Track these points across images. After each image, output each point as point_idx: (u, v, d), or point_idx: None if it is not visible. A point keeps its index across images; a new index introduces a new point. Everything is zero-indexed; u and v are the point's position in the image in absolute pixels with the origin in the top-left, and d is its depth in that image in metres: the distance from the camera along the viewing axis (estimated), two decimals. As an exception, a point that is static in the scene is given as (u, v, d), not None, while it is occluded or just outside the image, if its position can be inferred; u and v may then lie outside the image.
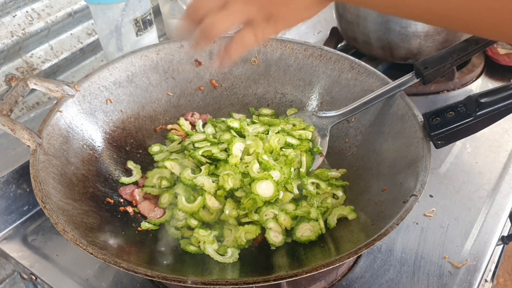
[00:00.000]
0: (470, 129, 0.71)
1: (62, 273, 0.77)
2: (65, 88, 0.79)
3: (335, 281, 0.73)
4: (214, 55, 0.93)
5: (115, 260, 0.57)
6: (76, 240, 0.59)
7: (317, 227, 0.72)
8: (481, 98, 0.69)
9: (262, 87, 0.95)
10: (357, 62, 0.87)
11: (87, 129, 0.81)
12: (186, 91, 0.93)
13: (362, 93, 0.84)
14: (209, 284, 0.55)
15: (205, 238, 0.70)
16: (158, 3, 1.17)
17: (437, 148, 0.72)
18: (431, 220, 0.81)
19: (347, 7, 1.11)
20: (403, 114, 0.77)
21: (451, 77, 1.11)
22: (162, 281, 0.58)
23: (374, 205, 0.71)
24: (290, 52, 0.92)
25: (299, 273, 0.55)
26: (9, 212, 0.84)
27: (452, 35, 1.05)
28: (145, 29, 0.97)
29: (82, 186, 0.74)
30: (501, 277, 1.93)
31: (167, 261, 0.69)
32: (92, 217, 0.70)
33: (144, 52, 0.89)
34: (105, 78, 0.85)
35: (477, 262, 0.74)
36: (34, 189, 0.65)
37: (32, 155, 0.69)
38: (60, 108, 0.78)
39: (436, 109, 0.73)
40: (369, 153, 0.81)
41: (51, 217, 0.61)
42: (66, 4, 1.08)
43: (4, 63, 1.00)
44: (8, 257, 0.81)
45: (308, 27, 1.43)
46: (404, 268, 0.74)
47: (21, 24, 1.01)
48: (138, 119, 0.89)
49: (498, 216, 0.82)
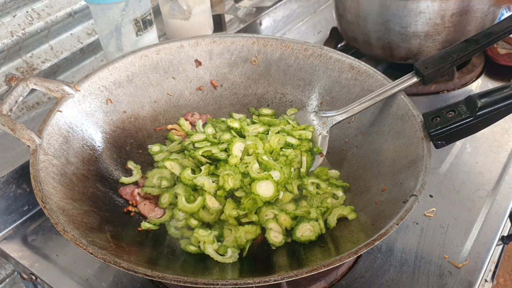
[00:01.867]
0: (470, 129, 0.71)
1: (62, 273, 0.77)
2: (65, 88, 0.79)
3: (335, 281, 0.73)
4: (214, 55, 0.93)
5: (115, 260, 0.57)
6: (76, 240, 0.59)
7: (317, 227, 0.72)
8: (481, 98, 0.69)
9: (262, 87, 0.95)
10: (357, 62, 0.87)
11: (87, 129, 0.81)
12: (186, 91, 0.93)
13: (362, 93, 0.84)
14: (209, 285, 0.54)
15: (205, 238, 0.70)
16: (158, 3, 1.18)
17: (437, 148, 0.72)
18: (431, 220, 0.81)
19: (347, 7, 1.11)
20: (403, 114, 0.77)
21: (451, 77, 1.11)
22: (162, 281, 0.58)
23: (374, 205, 0.71)
24: (290, 52, 0.92)
25: (299, 273, 0.55)
26: (9, 212, 0.84)
27: (452, 35, 1.05)
28: (145, 29, 0.97)
29: (82, 186, 0.74)
30: (501, 277, 1.93)
31: (167, 261, 0.69)
32: (92, 217, 0.70)
33: (144, 52, 0.89)
34: (105, 78, 0.85)
35: (477, 262, 0.74)
36: (34, 189, 0.65)
37: (32, 155, 0.69)
38: (60, 108, 0.78)
39: (436, 109, 0.73)
40: (369, 153, 0.81)
41: (51, 217, 0.61)
42: (66, 4, 1.08)
43: (4, 63, 1.00)
44: (8, 257, 0.81)
45: (308, 27, 1.43)
46: (404, 268, 0.74)
47: (21, 24, 1.01)
48: (138, 119, 0.89)
49: (498, 216, 0.82)
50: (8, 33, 0.98)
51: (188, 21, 1.14)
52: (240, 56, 0.93)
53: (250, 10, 1.36)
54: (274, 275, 0.55)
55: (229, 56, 0.93)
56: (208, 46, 0.93)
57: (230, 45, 0.93)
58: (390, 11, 1.03)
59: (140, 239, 0.72)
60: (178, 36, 1.18)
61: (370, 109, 0.82)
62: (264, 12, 1.32)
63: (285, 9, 1.40)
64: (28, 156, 0.84)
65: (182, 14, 1.13)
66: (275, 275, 0.55)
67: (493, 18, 1.09)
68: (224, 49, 0.93)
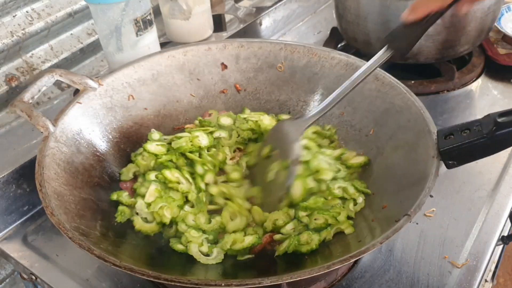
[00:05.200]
0: (485, 149, 0.65)
1: (62, 273, 0.77)
2: (88, 81, 0.82)
3: (335, 281, 0.73)
4: (241, 59, 0.93)
5: (89, 247, 0.58)
6: (60, 224, 0.60)
7: (316, 240, 0.70)
8: (499, 118, 0.63)
9: (285, 94, 0.94)
10: (382, 73, 0.84)
11: (104, 122, 0.83)
12: (209, 93, 0.94)
13: (383, 106, 0.82)
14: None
15: (195, 239, 0.70)
16: (158, 3, 1.17)
17: (448, 168, 0.68)
18: (431, 220, 0.81)
19: (347, 7, 1.11)
20: (420, 130, 0.73)
21: (451, 77, 1.11)
22: (128, 272, 0.57)
23: (370, 222, 0.70)
24: (316, 60, 0.91)
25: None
26: (9, 212, 0.84)
27: (452, 35, 1.05)
28: (145, 29, 0.97)
29: (87, 175, 0.76)
30: (501, 277, 1.93)
31: (151, 258, 0.69)
32: (88, 206, 0.71)
33: (171, 52, 0.91)
34: (129, 75, 0.87)
35: (477, 262, 0.74)
36: (36, 173, 0.67)
37: (43, 141, 0.72)
38: (80, 100, 0.80)
39: (451, 127, 0.68)
40: (380, 168, 0.79)
41: (43, 200, 0.64)
42: (66, 4, 1.08)
43: (4, 63, 1.00)
44: (8, 257, 0.81)
45: (308, 27, 1.43)
46: (404, 268, 0.74)
47: (21, 24, 1.01)
48: (158, 116, 0.90)
49: (498, 216, 0.82)
50: (8, 33, 0.98)
51: (188, 21, 1.14)
52: (267, 61, 0.93)
53: (250, 10, 1.36)
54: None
55: (256, 61, 0.93)
56: (236, 50, 0.93)
57: (258, 50, 0.93)
58: (390, 11, 1.03)
59: (123, 232, 0.73)
60: (178, 36, 1.18)
61: (387, 123, 0.79)
62: (264, 12, 1.32)
63: (285, 9, 1.40)
64: (28, 156, 0.85)
65: (182, 14, 1.13)
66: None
67: (493, 18, 1.09)
68: (251, 53, 0.93)
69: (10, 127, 0.96)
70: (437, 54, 1.08)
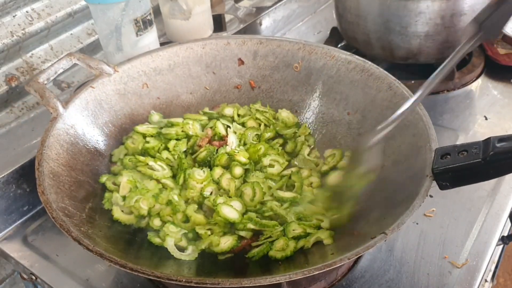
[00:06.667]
0: (480, 174, 0.61)
1: (62, 273, 0.77)
2: (104, 67, 0.84)
3: (335, 281, 0.73)
4: (259, 56, 0.93)
5: (68, 228, 0.59)
6: (47, 203, 0.61)
7: (292, 246, 0.69)
8: (498, 143, 0.59)
9: (298, 95, 0.93)
10: (397, 83, 0.81)
11: (115, 108, 0.84)
12: (223, 88, 0.95)
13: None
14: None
15: (173, 234, 0.69)
16: (158, 3, 1.18)
17: (442, 189, 0.64)
18: (431, 220, 0.81)
19: (347, 7, 1.11)
20: (422, 145, 0.70)
21: (451, 77, 1.11)
22: (98, 256, 0.57)
23: (351, 236, 0.67)
24: (333, 62, 0.89)
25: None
26: (9, 212, 0.84)
27: (452, 35, 1.05)
28: (145, 29, 0.97)
29: (89, 158, 0.77)
30: (501, 277, 1.93)
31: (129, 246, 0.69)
32: (83, 188, 0.73)
33: (190, 44, 0.92)
34: (146, 63, 0.88)
35: (477, 262, 0.74)
36: (37, 151, 0.69)
37: (50, 121, 0.74)
38: (93, 85, 0.81)
39: (450, 146, 0.65)
40: (377, 182, 0.73)
41: (38, 178, 0.65)
42: (66, 4, 1.08)
43: (4, 63, 1.00)
44: (8, 257, 0.81)
45: (308, 27, 1.43)
46: (404, 268, 0.74)
47: (21, 24, 1.01)
48: (170, 106, 0.91)
49: (498, 216, 0.82)
50: (8, 33, 0.98)
51: (188, 21, 1.14)
52: (284, 60, 0.93)
53: (250, 10, 1.36)
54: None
55: (273, 59, 0.93)
56: (254, 46, 0.93)
57: (276, 48, 0.93)
58: (390, 11, 1.03)
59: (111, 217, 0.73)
60: (178, 36, 1.18)
61: (394, 135, 0.74)
62: (264, 12, 1.32)
63: (285, 9, 1.40)
64: (28, 156, 0.85)
65: (182, 14, 1.13)
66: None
67: (493, 18, 1.09)
68: (269, 51, 0.93)
69: (10, 127, 0.96)
70: (437, 54, 1.08)
